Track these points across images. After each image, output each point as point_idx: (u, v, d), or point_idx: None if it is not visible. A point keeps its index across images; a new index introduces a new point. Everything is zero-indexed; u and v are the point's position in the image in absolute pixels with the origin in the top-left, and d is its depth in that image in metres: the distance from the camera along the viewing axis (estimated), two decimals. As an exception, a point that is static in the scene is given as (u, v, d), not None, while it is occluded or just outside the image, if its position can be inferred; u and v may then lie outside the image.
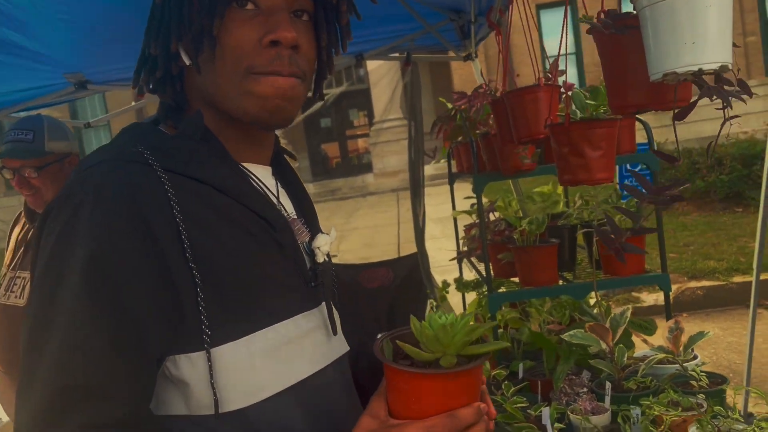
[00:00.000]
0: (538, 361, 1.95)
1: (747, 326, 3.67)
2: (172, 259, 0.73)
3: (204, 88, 0.83)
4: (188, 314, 0.74)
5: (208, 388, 0.74)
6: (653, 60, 0.70)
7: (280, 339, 0.80)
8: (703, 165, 7.87)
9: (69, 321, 0.69)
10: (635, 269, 1.87)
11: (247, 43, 0.80)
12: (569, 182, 1.27)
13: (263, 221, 0.82)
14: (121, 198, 0.73)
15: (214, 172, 0.80)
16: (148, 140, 0.81)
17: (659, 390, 1.52)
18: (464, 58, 3.00)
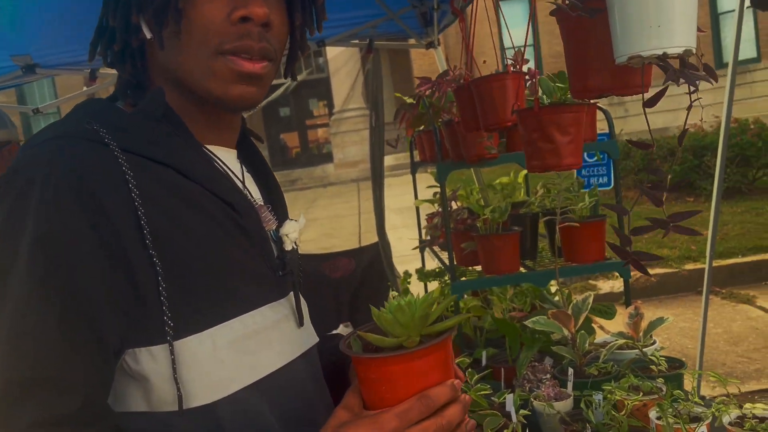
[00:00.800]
0: (500, 348, 1.96)
1: (698, 312, 3.78)
2: (130, 244, 0.69)
3: (167, 65, 0.78)
4: (148, 304, 0.69)
5: (171, 383, 0.70)
6: (619, 43, 0.70)
7: (247, 330, 0.76)
8: (657, 155, 8.06)
9: (16, 307, 0.65)
10: (596, 256, 1.89)
11: (216, 18, 0.74)
12: (538, 168, 1.27)
13: (228, 206, 0.77)
14: (73, 177, 0.68)
15: (176, 153, 0.76)
16: (104, 117, 0.76)
17: (620, 375, 1.54)
18: (426, 46, 2.99)
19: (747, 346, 4.35)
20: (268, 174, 0.93)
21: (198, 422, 0.71)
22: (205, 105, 0.80)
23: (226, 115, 0.84)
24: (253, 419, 0.75)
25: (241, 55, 0.76)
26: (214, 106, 0.79)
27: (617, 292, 5.35)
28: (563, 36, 0.82)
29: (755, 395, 3.64)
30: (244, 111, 0.83)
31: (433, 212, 2.58)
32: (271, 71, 0.80)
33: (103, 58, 0.83)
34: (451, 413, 0.73)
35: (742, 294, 5.34)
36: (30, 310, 0.65)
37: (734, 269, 5.64)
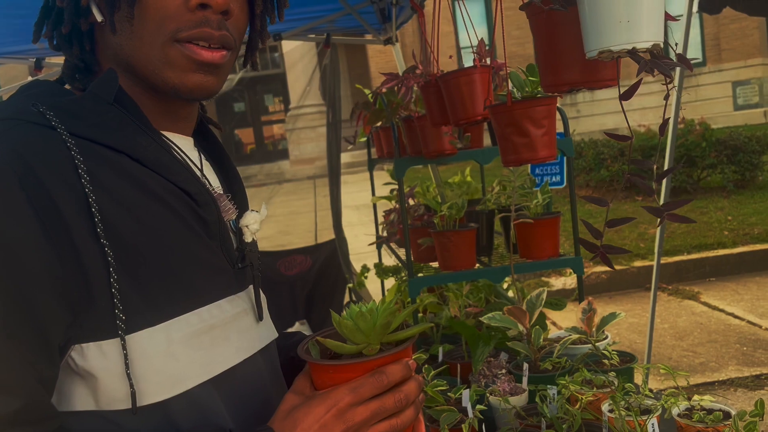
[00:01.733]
0: (456, 344, 1.97)
1: (646, 308, 3.89)
2: (79, 234, 0.65)
3: (119, 50, 0.74)
4: (98, 297, 0.66)
5: (122, 380, 0.66)
6: (589, 37, 0.70)
7: (204, 325, 0.73)
8: (608, 155, 8.26)
9: None
10: (550, 253, 1.92)
11: (172, 4, 0.71)
12: (514, 162, 1.27)
13: (185, 195, 0.74)
14: (18, 163, 0.64)
15: (129, 138, 0.72)
16: (52, 99, 0.72)
17: (574, 369, 1.56)
18: (384, 42, 2.98)
19: (692, 340, 4.50)
20: (227, 163, 0.90)
21: (150, 420, 0.69)
22: (159, 93, 0.77)
23: (183, 103, 0.81)
24: (208, 416, 0.73)
25: (198, 43, 0.73)
26: (170, 95, 0.76)
27: (569, 289, 5.46)
28: (534, 31, 0.82)
29: (700, 388, 3.77)
30: (202, 100, 0.80)
31: (390, 209, 2.58)
32: (230, 60, 0.77)
33: (49, 40, 0.78)
34: (407, 388, 0.72)
35: (687, 290, 5.53)
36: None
37: (680, 266, 5.83)
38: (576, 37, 0.74)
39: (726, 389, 3.74)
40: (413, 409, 0.73)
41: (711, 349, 4.31)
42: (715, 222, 6.78)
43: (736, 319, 4.77)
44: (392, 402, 0.71)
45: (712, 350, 4.28)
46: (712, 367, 4.02)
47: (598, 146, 8.56)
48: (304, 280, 3.40)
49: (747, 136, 8.01)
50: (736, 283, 5.57)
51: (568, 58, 0.78)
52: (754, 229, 6.39)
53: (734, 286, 5.50)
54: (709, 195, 7.93)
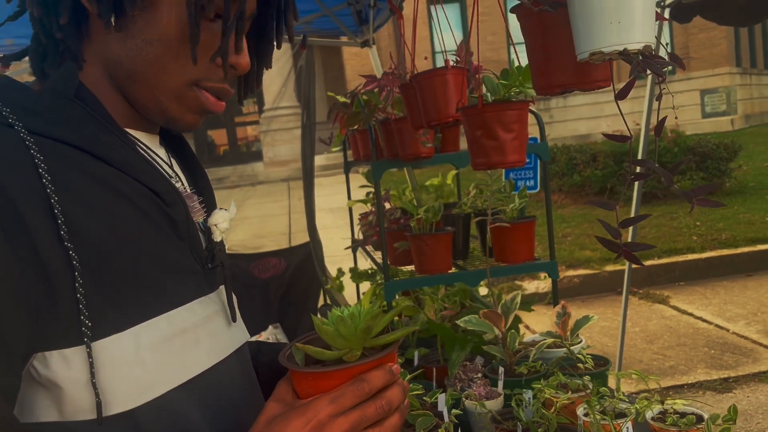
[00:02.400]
0: (432, 348, 1.96)
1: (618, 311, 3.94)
2: (41, 237, 0.62)
3: (120, 60, 0.72)
4: (62, 302, 0.62)
5: (88, 389, 0.63)
6: (580, 39, 0.70)
7: (174, 329, 0.70)
8: (580, 160, 8.37)
9: None
10: (526, 257, 1.93)
11: (204, 55, 0.73)
12: (483, 165, 1.27)
13: (153, 194, 0.72)
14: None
15: (92, 136, 0.69)
16: (6, 95, 0.69)
17: (549, 373, 1.57)
18: (361, 45, 2.97)
19: (662, 343, 4.57)
20: (193, 162, 0.88)
21: (118, 430, 0.66)
22: (146, 112, 0.76)
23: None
24: (180, 423, 0.70)
25: (212, 93, 0.76)
26: (159, 121, 0.76)
27: (542, 292, 5.50)
28: (525, 33, 0.82)
29: (670, 391, 3.82)
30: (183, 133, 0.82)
31: (366, 212, 2.56)
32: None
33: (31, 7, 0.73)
34: (390, 394, 0.69)
35: (657, 294, 5.62)
36: None
37: (651, 270, 5.92)
38: (567, 39, 0.74)
39: (695, 392, 3.80)
40: (398, 416, 0.71)
41: (680, 352, 4.38)
42: (684, 227, 6.90)
43: (704, 323, 4.86)
44: (374, 410, 0.68)
45: (682, 354, 4.35)
46: (682, 370, 4.09)
47: (571, 151, 8.67)
48: (277, 283, 3.37)
49: (715, 143, 8.19)
50: (704, 287, 5.68)
51: (560, 60, 0.78)
52: (721, 235, 6.52)
53: (702, 290, 5.61)
54: (678, 200, 8.07)
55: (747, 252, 6.06)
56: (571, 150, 8.72)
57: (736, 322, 4.77)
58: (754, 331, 4.58)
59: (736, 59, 16.42)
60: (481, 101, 1.22)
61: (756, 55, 18.48)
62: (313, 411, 0.67)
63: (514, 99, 1.28)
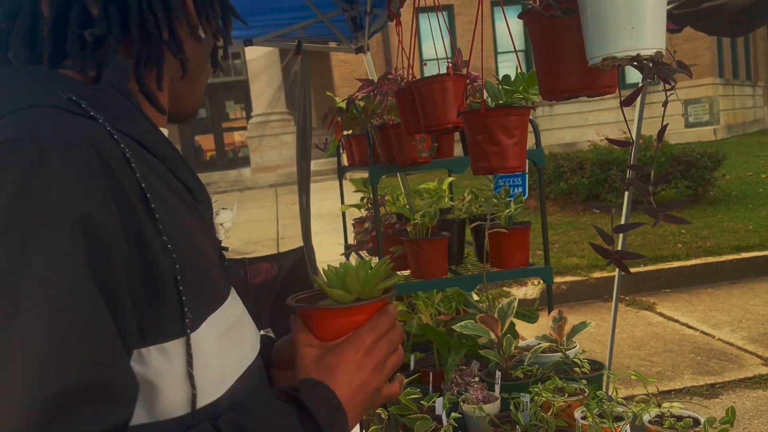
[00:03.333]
0: (428, 352, 1.97)
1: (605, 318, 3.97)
2: (147, 229, 0.61)
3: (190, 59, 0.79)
4: (166, 294, 0.62)
5: (184, 383, 0.63)
6: (592, 44, 0.71)
7: (228, 321, 0.72)
8: (567, 168, 8.43)
9: (60, 301, 0.54)
10: (521, 262, 1.94)
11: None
12: (483, 170, 1.28)
13: (187, 191, 0.73)
14: (92, 151, 0.59)
15: (148, 131, 0.70)
16: (77, 89, 0.66)
17: (545, 378, 1.58)
18: (356, 51, 2.98)
19: (648, 350, 4.61)
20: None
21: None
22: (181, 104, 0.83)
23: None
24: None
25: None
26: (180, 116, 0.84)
27: (530, 299, 5.53)
28: (532, 39, 0.84)
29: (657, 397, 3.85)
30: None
31: (361, 217, 2.57)
32: None
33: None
34: (399, 327, 0.81)
35: (644, 301, 5.67)
36: (77, 305, 0.54)
37: (637, 277, 5.97)
38: (575, 45, 0.75)
39: (682, 398, 3.84)
40: (402, 350, 0.82)
41: (667, 358, 4.42)
42: (669, 235, 6.98)
43: (690, 329, 4.91)
44: (397, 336, 0.79)
45: (668, 360, 4.39)
46: (669, 376, 4.13)
47: (558, 159, 8.73)
48: (269, 288, 3.36)
49: (699, 153, 8.29)
50: (689, 294, 5.74)
51: (568, 66, 0.80)
52: (706, 243, 6.60)
53: (688, 297, 5.67)
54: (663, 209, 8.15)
55: (731, 260, 6.14)
56: (557, 158, 8.79)
57: (722, 329, 4.83)
58: (739, 338, 4.64)
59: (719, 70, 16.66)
60: (484, 106, 1.24)
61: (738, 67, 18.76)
62: (360, 340, 0.75)
63: (516, 104, 1.30)
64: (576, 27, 0.74)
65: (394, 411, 1.58)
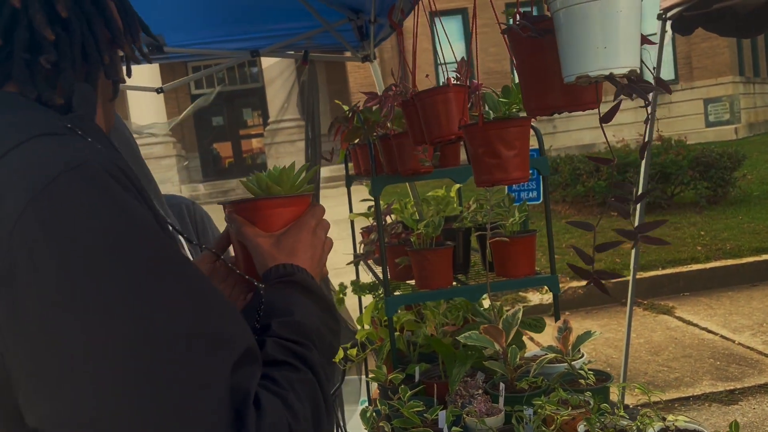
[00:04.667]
0: (433, 363, 1.95)
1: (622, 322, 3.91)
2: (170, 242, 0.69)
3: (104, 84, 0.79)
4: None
5: None
6: (566, 63, 0.71)
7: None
8: (584, 171, 8.36)
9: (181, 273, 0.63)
10: (526, 271, 1.92)
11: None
12: (486, 183, 1.27)
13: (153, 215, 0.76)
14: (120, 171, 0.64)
15: (123, 160, 0.70)
16: (66, 117, 0.68)
17: (550, 389, 1.56)
18: (362, 59, 2.99)
19: (667, 355, 4.54)
20: None
21: None
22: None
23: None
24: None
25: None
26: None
27: (547, 304, 5.49)
28: (514, 55, 0.83)
29: (675, 403, 3.80)
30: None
31: (368, 226, 2.56)
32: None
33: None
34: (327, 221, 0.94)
35: (662, 305, 5.59)
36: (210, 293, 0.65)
37: (655, 281, 5.90)
38: (557, 62, 0.74)
39: (701, 404, 3.77)
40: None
41: (686, 364, 4.35)
42: (688, 237, 6.88)
43: (709, 333, 4.83)
44: (327, 223, 0.92)
45: (687, 365, 4.32)
46: (687, 382, 4.06)
47: (575, 162, 8.66)
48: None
49: (719, 153, 8.17)
50: (709, 297, 5.65)
51: (550, 83, 0.79)
52: (726, 245, 6.50)
53: (707, 300, 5.58)
54: (682, 211, 8.05)
55: (752, 262, 6.03)
56: (574, 160, 8.72)
57: (742, 333, 4.74)
58: (759, 342, 4.55)
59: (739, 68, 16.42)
60: (482, 119, 1.23)
61: (759, 64, 18.48)
62: (307, 224, 0.88)
63: (514, 116, 1.29)
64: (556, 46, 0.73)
65: (397, 424, 1.57)
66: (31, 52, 0.68)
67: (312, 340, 0.75)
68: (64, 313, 0.55)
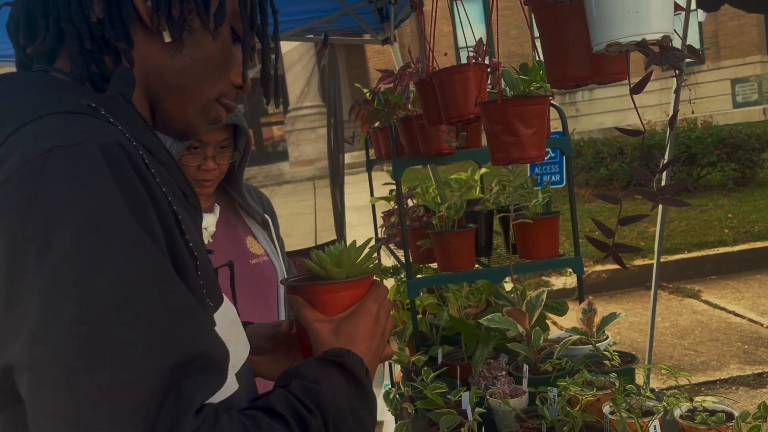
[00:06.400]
0: (456, 346, 1.95)
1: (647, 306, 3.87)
2: (174, 228, 0.67)
3: (161, 68, 0.75)
4: (192, 287, 0.67)
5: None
6: (596, 30, 0.69)
7: (229, 317, 0.77)
8: (607, 154, 8.25)
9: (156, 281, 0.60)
10: (550, 253, 1.90)
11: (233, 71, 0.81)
12: (502, 161, 1.26)
13: (183, 196, 0.76)
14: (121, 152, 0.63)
15: (151, 139, 0.73)
16: (90, 96, 0.69)
17: (574, 371, 1.55)
18: (382, 42, 2.96)
19: (693, 339, 4.48)
20: None
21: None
22: (166, 118, 0.80)
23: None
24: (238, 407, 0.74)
25: (224, 108, 0.84)
26: (174, 131, 0.81)
27: (570, 288, 5.44)
28: (538, 26, 0.82)
29: (702, 387, 3.75)
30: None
31: (389, 210, 2.56)
32: None
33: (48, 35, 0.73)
34: (390, 300, 0.91)
35: (688, 288, 5.52)
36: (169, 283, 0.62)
37: (680, 264, 5.81)
38: (582, 31, 0.72)
39: (728, 388, 3.73)
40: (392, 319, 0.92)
41: (712, 347, 4.29)
42: (715, 220, 6.77)
43: (737, 317, 4.76)
44: (389, 305, 0.88)
45: (714, 349, 4.27)
46: (714, 366, 4.01)
47: (598, 145, 8.55)
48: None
49: (747, 134, 8.00)
50: (737, 281, 5.56)
51: (575, 53, 0.77)
52: (754, 227, 6.38)
53: (735, 284, 5.49)
54: (709, 193, 7.92)
55: (781, 244, 5.92)
56: (597, 143, 8.60)
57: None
58: (789, 326, 4.48)
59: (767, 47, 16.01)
60: (501, 96, 1.21)
61: (789, 43, 18.00)
62: (368, 311, 0.84)
63: (534, 94, 1.27)
64: (582, 13, 0.71)
65: (420, 405, 1.57)
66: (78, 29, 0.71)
67: (325, 413, 0.70)
68: (10, 280, 0.58)
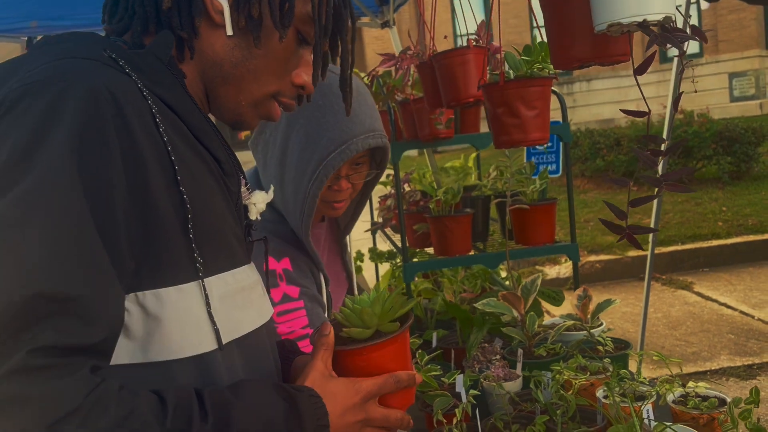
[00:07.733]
0: (451, 330, 1.96)
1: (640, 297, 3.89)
2: (157, 181, 0.67)
3: (220, 58, 0.78)
4: (175, 240, 0.68)
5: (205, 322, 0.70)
6: (598, 11, 0.68)
7: (237, 285, 0.77)
8: (604, 145, 8.25)
9: (53, 212, 0.60)
10: (546, 239, 1.91)
11: (291, 68, 0.82)
12: (505, 144, 1.26)
13: (216, 162, 0.77)
14: (110, 99, 0.65)
15: (181, 100, 0.75)
16: (119, 50, 0.74)
17: (568, 356, 1.55)
18: (381, 25, 2.94)
19: (684, 330, 4.51)
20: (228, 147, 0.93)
21: (188, 372, 0.70)
22: (218, 109, 0.82)
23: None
24: (230, 375, 0.75)
25: (281, 105, 0.84)
26: (226, 119, 0.83)
27: (563, 278, 5.46)
28: (542, 5, 0.81)
29: (692, 377, 3.78)
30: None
31: (385, 194, 2.56)
32: None
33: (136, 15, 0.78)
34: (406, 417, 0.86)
35: (680, 280, 5.54)
36: (68, 221, 0.61)
37: (674, 256, 5.84)
38: (585, 12, 0.72)
39: (718, 378, 3.75)
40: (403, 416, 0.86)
41: (704, 338, 4.32)
42: (709, 213, 6.79)
43: (728, 309, 4.78)
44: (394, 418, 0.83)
45: (705, 340, 4.29)
46: (705, 357, 4.04)
47: (594, 136, 8.55)
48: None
49: (743, 128, 8.01)
50: (729, 273, 5.58)
51: (578, 34, 0.77)
52: (748, 220, 6.40)
53: (727, 276, 5.52)
54: (704, 186, 7.93)
55: (774, 238, 5.94)
56: (594, 134, 8.60)
57: (762, 309, 4.69)
58: (779, 318, 4.51)
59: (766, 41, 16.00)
60: (503, 78, 1.20)
61: (787, 38, 17.99)
62: (359, 385, 0.80)
63: (536, 75, 1.26)
64: (584, -7, 0.71)
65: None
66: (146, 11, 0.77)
67: (219, 420, 0.65)
68: None
